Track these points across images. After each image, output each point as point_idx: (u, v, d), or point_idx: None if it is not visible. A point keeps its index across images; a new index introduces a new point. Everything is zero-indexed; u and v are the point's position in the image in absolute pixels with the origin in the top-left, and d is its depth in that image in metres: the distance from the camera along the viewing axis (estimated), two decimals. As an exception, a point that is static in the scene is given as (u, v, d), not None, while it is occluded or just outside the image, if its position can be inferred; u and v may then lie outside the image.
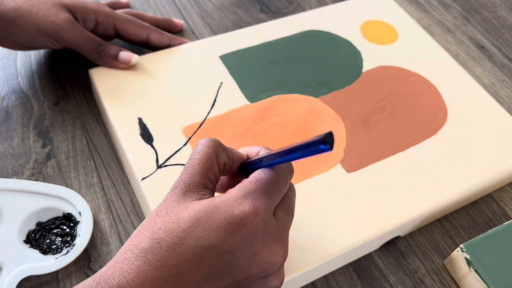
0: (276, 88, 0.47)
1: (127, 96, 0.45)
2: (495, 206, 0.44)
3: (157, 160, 0.40)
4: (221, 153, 0.30)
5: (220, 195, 0.28)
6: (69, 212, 0.39)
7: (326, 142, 0.22)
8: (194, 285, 0.26)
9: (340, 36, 0.53)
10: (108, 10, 0.47)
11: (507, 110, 0.48)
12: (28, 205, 0.38)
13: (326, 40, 0.52)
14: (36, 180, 0.42)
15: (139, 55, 0.47)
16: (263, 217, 0.27)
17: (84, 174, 0.43)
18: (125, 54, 0.46)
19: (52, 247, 0.37)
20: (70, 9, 0.45)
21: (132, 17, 0.49)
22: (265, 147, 0.32)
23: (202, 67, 0.48)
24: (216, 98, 0.46)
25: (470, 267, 0.36)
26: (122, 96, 0.45)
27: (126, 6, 0.56)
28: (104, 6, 0.48)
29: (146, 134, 0.42)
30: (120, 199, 0.42)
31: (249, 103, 0.46)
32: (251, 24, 0.57)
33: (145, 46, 0.51)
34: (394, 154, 0.43)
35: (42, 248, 0.37)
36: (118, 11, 0.49)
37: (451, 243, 0.41)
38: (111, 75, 0.46)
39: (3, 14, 0.42)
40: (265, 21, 0.56)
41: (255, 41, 0.51)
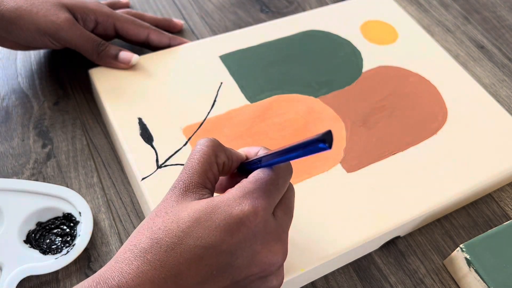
0: (276, 88, 0.47)
1: (127, 96, 0.45)
2: (495, 206, 0.44)
3: (157, 160, 0.40)
4: (220, 153, 0.30)
5: (220, 195, 0.28)
6: (69, 212, 0.39)
7: (325, 141, 0.22)
8: (194, 285, 0.26)
9: (340, 36, 0.53)
10: (108, 10, 0.47)
11: (507, 110, 0.48)
12: (28, 205, 0.38)
13: (326, 40, 0.52)
14: (36, 180, 0.42)
15: (139, 55, 0.47)
16: (262, 217, 0.27)
17: (84, 174, 0.43)
18: (125, 54, 0.46)
19: (52, 247, 0.37)
20: (70, 9, 0.45)
21: (132, 17, 0.49)
22: (264, 147, 0.32)
23: (202, 67, 0.48)
24: (216, 98, 0.46)
25: (470, 267, 0.36)
26: (122, 96, 0.45)
27: (126, 6, 0.56)
28: (104, 6, 0.48)
29: (146, 134, 0.42)
30: (120, 199, 0.42)
31: (249, 103, 0.46)
32: (251, 24, 0.57)
33: (145, 46, 0.51)
34: (394, 154, 0.43)
35: (42, 248, 0.37)
36: (118, 11, 0.49)
37: (451, 243, 0.41)
38: (111, 75, 0.46)
39: (3, 14, 0.42)
40: (265, 21, 0.56)
41: (255, 41, 0.51)
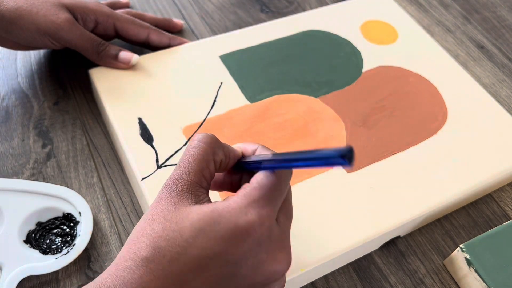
0: (276, 88, 0.47)
1: (127, 96, 0.45)
2: (495, 206, 0.44)
3: (157, 160, 0.40)
4: (218, 150, 0.29)
5: (223, 201, 0.27)
6: (69, 212, 0.39)
7: (345, 157, 0.20)
8: None
9: (340, 36, 0.53)
10: (108, 10, 0.47)
11: (507, 110, 0.48)
12: (28, 205, 0.38)
13: (326, 40, 0.52)
14: (36, 180, 0.42)
15: (139, 55, 0.47)
16: (268, 225, 0.27)
17: (84, 174, 0.43)
18: (125, 54, 0.46)
19: (52, 247, 0.37)
20: (70, 9, 0.45)
21: (132, 17, 0.49)
22: (262, 146, 0.31)
23: (202, 67, 0.48)
24: (216, 98, 0.46)
25: (470, 267, 0.36)
26: (122, 96, 0.45)
27: (126, 6, 0.56)
28: (104, 6, 0.48)
29: (146, 134, 0.42)
30: (120, 199, 0.42)
31: (249, 103, 0.46)
32: (251, 24, 0.57)
33: (145, 46, 0.51)
34: (394, 154, 0.43)
35: (42, 248, 0.37)
36: (118, 11, 0.49)
37: (451, 243, 0.41)
38: (111, 75, 0.46)
39: (3, 14, 0.42)
40: (265, 21, 0.56)
41: (255, 41, 0.51)
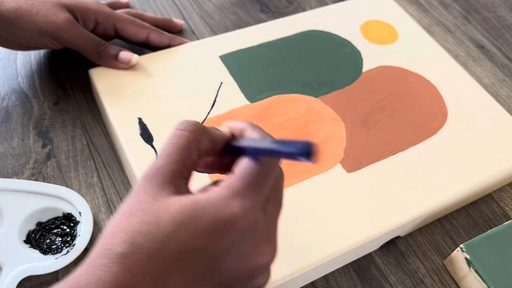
0: (276, 88, 0.47)
1: (127, 96, 0.45)
2: (495, 206, 0.44)
3: (157, 160, 0.40)
4: (203, 138, 0.28)
5: (205, 193, 0.25)
6: (69, 212, 0.39)
7: (305, 154, 0.22)
8: None
9: (340, 36, 0.53)
10: (108, 10, 0.47)
11: (507, 110, 0.48)
12: (28, 205, 0.38)
13: (326, 40, 0.52)
14: (36, 180, 0.42)
15: (139, 55, 0.47)
16: (252, 217, 0.25)
17: (84, 174, 0.43)
18: (125, 54, 0.46)
19: (52, 247, 0.37)
20: (70, 9, 0.45)
21: (132, 17, 0.49)
22: (249, 125, 0.29)
23: (202, 67, 0.48)
24: (216, 98, 0.46)
25: (470, 267, 0.36)
26: (122, 96, 0.45)
27: (126, 6, 0.56)
28: (104, 6, 0.48)
29: (146, 134, 0.42)
30: (120, 199, 0.42)
31: (249, 103, 0.46)
32: (251, 24, 0.57)
33: (145, 46, 0.51)
34: (394, 154, 0.43)
35: (42, 248, 0.37)
36: (118, 11, 0.49)
37: (451, 243, 0.41)
38: (111, 75, 0.46)
39: (3, 14, 0.42)
40: (265, 21, 0.56)
41: (255, 41, 0.51)
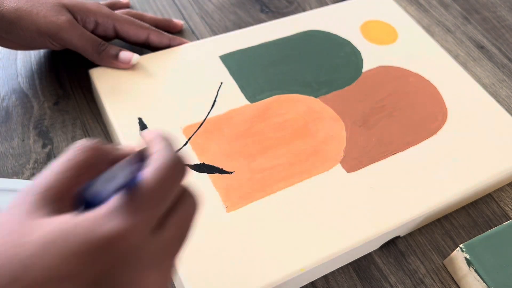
0: (276, 88, 0.47)
1: (127, 96, 0.45)
2: (495, 206, 0.44)
3: (157, 160, 0.40)
4: (98, 159, 0.24)
5: (86, 212, 0.22)
6: (69, 212, 0.39)
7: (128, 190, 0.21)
8: None
9: (340, 36, 0.53)
10: (107, 11, 0.47)
11: (506, 110, 0.48)
12: (28, 205, 0.38)
13: (326, 40, 0.52)
14: (36, 180, 0.42)
15: (139, 55, 0.47)
16: (137, 236, 0.21)
17: (84, 174, 0.43)
18: (125, 54, 0.46)
19: (52, 247, 0.37)
20: (70, 10, 0.45)
21: (131, 17, 0.49)
22: (158, 136, 0.25)
23: (202, 67, 0.48)
24: (216, 98, 0.46)
25: (470, 267, 0.36)
26: (122, 96, 0.45)
27: (126, 6, 0.56)
28: (104, 7, 0.48)
29: (146, 134, 0.42)
30: (120, 199, 0.42)
31: (249, 103, 0.46)
32: (251, 24, 0.57)
33: (145, 47, 0.51)
34: (394, 154, 0.43)
35: (42, 248, 0.37)
36: (118, 12, 0.49)
37: (451, 243, 0.41)
38: (111, 75, 0.46)
39: (3, 14, 0.42)
40: (265, 21, 0.56)
41: (255, 41, 0.51)
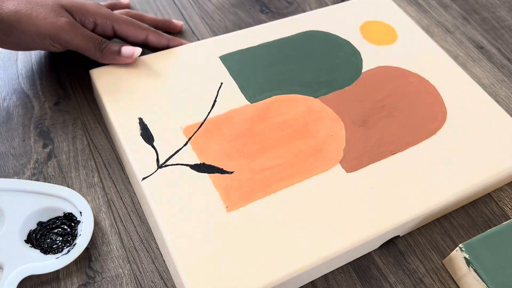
0: (276, 88, 0.47)
1: (127, 96, 0.45)
2: (494, 206, 0.44)
3: (157, 160, 0.40)
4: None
5: None
6: (70, 211, 0.39)
7: None
8: None
9: (339, 37, 0.53)
10: (106, 11, 0.47)
11: (506, 110, 0.48)
12: (29, 205, 0.38)
13: (326, 40, 0.52)
14: (37, 180, 0.42)
15: (139, 56, 0.47)
16: None
17: (85, 174, 0.43)
18: (127, 49, 0.46)
19: (53, 246, 0.38)
20: (69, 10, 0.45)
21: (130, 18, 0.49)
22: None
23: (202, 68, 0.48)
24: (216, 98, 0.46)
25: (469, 267, 0.37)
26: (122, 96, 0.45)
27: (127, 6, 0.56)
28: (102, 7, 0.48)
29: (146, 134, 0.42)
30: (121, 199, 0.42)
31: (249, 103, 0.46)
32: (251, 25, 0.57)
33: (144, 47, 0.51)
34: (394, 154, 0.43)
35: (43, 247, 0.37)
36: (118, 12, 0.49)
37: (450, 243, 0.41)
38: (111, 75, 0.46)
39: (3, 17, 0.42)
40: (265, 21, 0.56)
41: (255, 41, 0.51)
